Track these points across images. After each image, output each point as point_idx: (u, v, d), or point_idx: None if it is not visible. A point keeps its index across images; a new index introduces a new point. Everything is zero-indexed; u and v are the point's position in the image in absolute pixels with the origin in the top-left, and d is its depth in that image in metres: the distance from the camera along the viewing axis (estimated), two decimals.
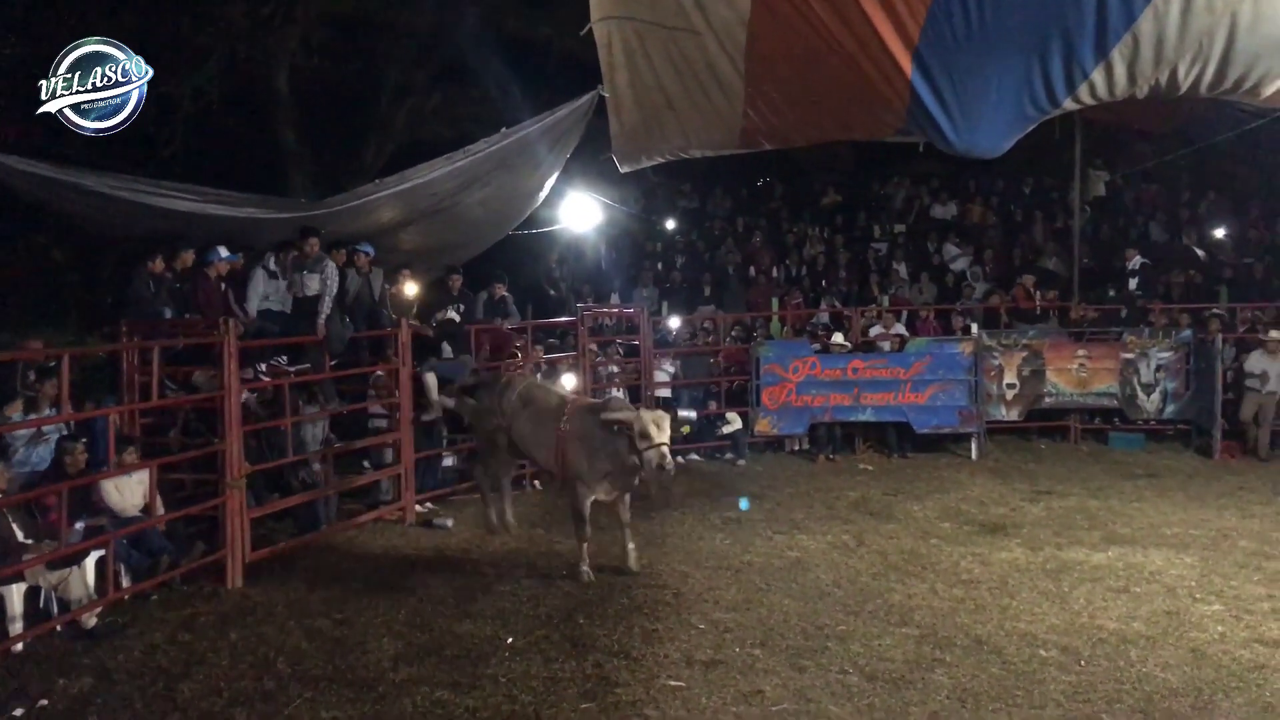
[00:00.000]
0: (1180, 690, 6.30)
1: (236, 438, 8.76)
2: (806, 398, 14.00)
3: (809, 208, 21.59)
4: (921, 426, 13.88)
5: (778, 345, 14.63)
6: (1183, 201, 19.41)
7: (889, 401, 13.89)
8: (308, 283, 10.71)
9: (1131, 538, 9.72)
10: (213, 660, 6.98)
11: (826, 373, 13.97)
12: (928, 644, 7.08)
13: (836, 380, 13.91)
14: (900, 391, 13.85)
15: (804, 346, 14.45)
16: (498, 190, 12.60)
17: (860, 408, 13.96)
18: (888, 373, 13.92)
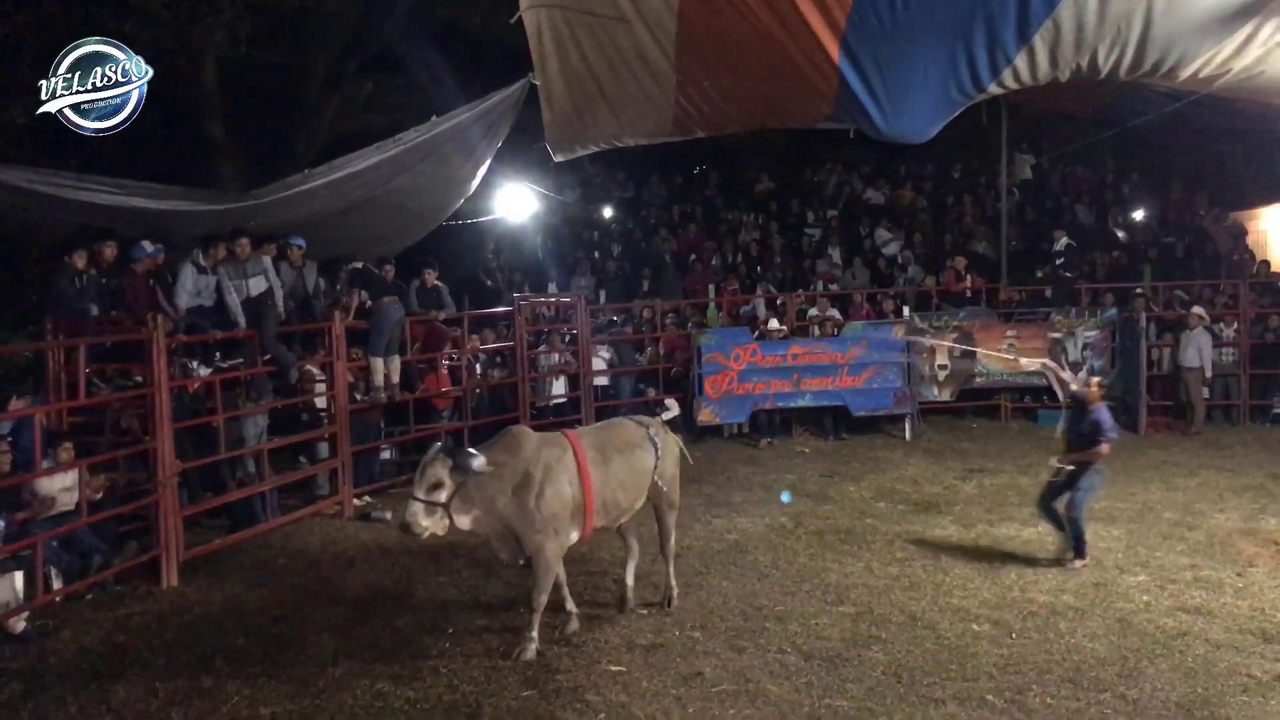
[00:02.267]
0: (1108, 659, 6.49)
1: (167, 435, 8.63)
2: (748, 385, 14.10)
3: (743, 195, 21.71)
4: (858, 409, 14.06)
5: (719, 333, 14.65)
6: (1107, 183, 19.83)
7: (827, 386, 14.05)
8: (251, 284, 10.55)
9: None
10: (148, 660, 6.90)
11: (767, 359, 14.07)
12: (864, 621, 7.21)
13: (777, 366, 14.02)
14: (838, 376, 14.01)
15: (744, 334, 14.51)
16: (430, 179, 12.52)
17: (800, 393, 14.09)
18: (826, 357, 14.08)
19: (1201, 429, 13.81)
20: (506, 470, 6.67)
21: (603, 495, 7.01)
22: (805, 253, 18.88)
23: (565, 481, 6.81)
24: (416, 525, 6.48)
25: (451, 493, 6.50)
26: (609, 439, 7.29)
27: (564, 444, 6.99)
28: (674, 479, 7.59)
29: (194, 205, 10.83)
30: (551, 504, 6.70)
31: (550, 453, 6.86)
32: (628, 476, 7.21)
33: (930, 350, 14.63)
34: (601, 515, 7.08)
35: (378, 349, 11.33)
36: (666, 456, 7.46)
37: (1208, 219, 17.68)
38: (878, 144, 13.38)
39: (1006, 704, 5.90)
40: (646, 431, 7.43)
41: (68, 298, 9.66)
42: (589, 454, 6.99)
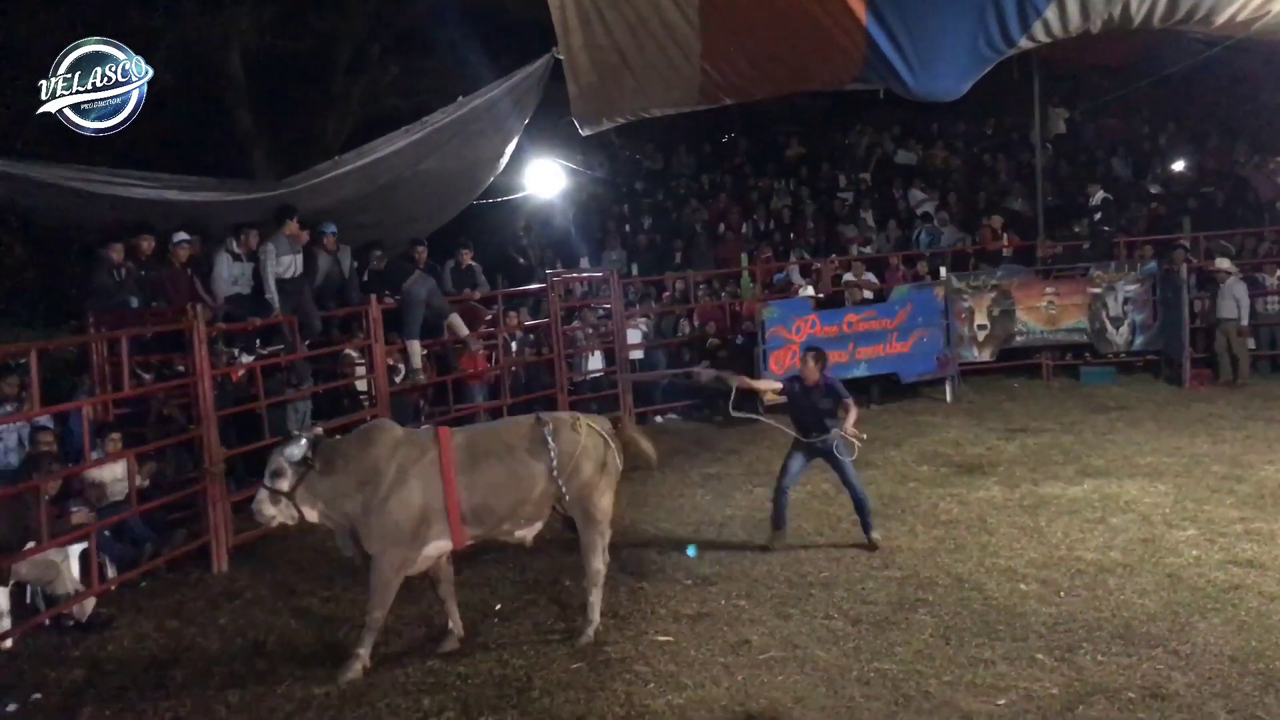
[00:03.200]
0: (1158, 615, 6.44)
1: (212, 423, 8.73)
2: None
3: (773, 161, 21.56)
4: (908, 375, 13.87)
5: (781, 305, 13.99)
6: (1143, 134, 19.51)
7: (879, 354, 13.72)
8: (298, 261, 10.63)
9: (1106, 469, 9.87)
10: (203, 645, 7.01)
11: (825, 329, 13.51)
12: (910, 585, 7.19)
13: (834, 337, 13.37)
14: (888, 342, 13.68)
15: (804, 305, 13.99)
16: (459, 159, 12.54)
17: (855, 363, 13.58)
18: (877, 324, 13.78)
19: (1246, 380, 13.59)
20: (353, 465, 6.22)
21: (470, 502, 6.29)
22: (838, 217, 18.73)
23: (418, 487, 6.19)
24: (260, 513, 6.29)
25: (294, 482, 6.19)
26: (486, 439, 6.56)
27: (427, 444, 6.35)
28: (586, 486, 6.53)
29: (227, 196, 10.93)
30: (394, 512, 6.15)
31: (407, 453, 6.28)
32: (504, 481, 6.38)
33: (968, 310, 14.47)
34: (473, 523, 6.36)
35: (412, 331, 11.38)
36: (571, 459, 6.47)
37: (1247, 166, 17.35)
38: (908, 104, 13.24)
39: (1057, 662, 5.87)
40: (541, 431, 6.51)
41: (108, 291, 9.78)
42: (458, 456, 6.31)
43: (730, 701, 5.62)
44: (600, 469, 6.60)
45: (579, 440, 6.53)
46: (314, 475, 6.19)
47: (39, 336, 12.46)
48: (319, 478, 6.20)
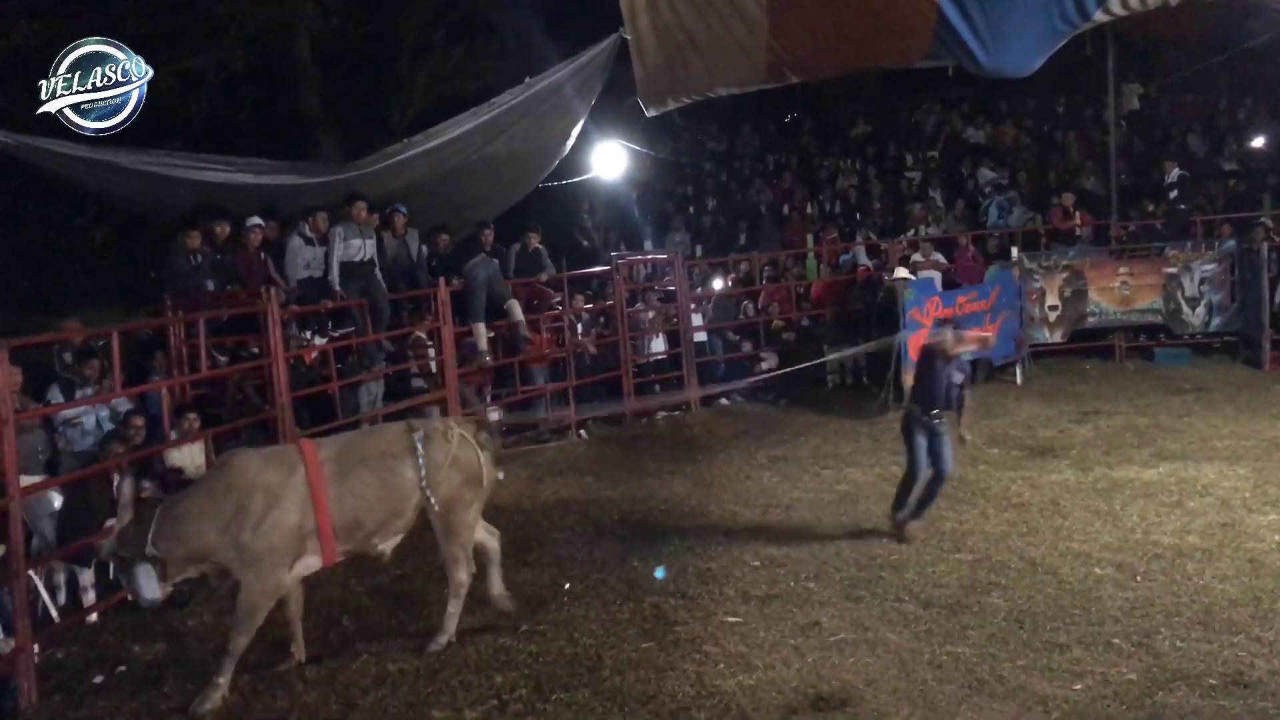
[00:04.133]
0: (1239, 600, 6.31)
1: (286, 404, 8.89)
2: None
3: (839, 140, 21.35)
4: (997, 359, 13.51)
5: (917, 286, 13.02)
6: (1220, 110, 18.98)
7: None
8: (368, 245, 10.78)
9: (1182, 453, 9.67)
10: (280, 622, 7.13)
11: (944, 312, 12.56)
12: (982, 568, 7.12)
13: (947, 319, 12.88)
14: (984, 324, 13.09)
15: (931, 285, 13.28)
16: (525, 141, 12.59)
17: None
18: (979, 305, 13.18)
19: None
20: (212, 508, 5.88)
21: (342, 517, 6.04)
22: (905, 196, 18.49)
23: (292, 506, 5.90)
24: (146, 596, 5.86)
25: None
26: (355, 449, 6.23)
27: (292, 461, 6.04)
28: (452, 499, 6.28)
29: (299, 179, 11.10)
30: (269, 535, 5.85)
31: (272, 476, 5.96)
32: (375, 492, 6.12)
33: (1040, 291, 14.20)
34: (344, 538, 6.09)
35: (477, 314, 11.46)
36: (438, 468, 6.22)
37: None
38: (977, 81, 13.03)
39: (1134, 647, 5.79)
40: (410, 438, 6.25)
41: (184, 275, 9.99)
42: (326, 470, 6.02)
43: (801, 683, 5.61)
44: (469, 481, 6.35)
45: (450, 450, 6.27)
46: (167, 529, 5.77)
47: (117, 320, 12.79)
48: (172, 531, 5.79)
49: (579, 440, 12.23)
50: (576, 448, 11.91)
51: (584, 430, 12.50)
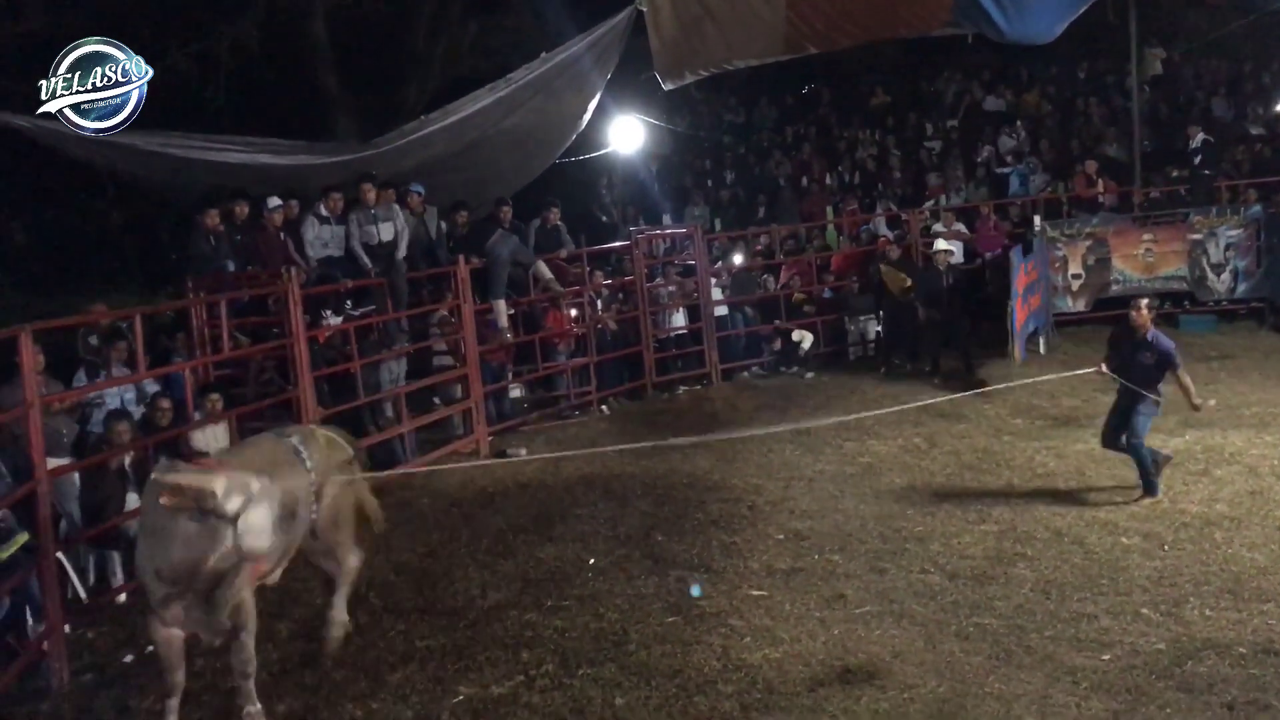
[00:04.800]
0: (1269, 569, 6.28)
1: (308, 383, 8.91)
2: (1025, 309, 12.50)
3: (858, 111, 21.19)
4: (1041, 327, 13.46)
5: (1015, 254, 12.58)
6: (1245, 73, 18.72)
7: (1036, 304, 13.10)
8: (382, 229, 10.79)
9: (1209, 420, 9.54)
10: (306, 599, 7.18)
11: (1026, 278, 12.69)
12: (1008, 539, 7.10)
13: (1025, 289, 12.60)
14: (1032, 293, 13.02)
15: (1019, 251, 12.79)
16: (542, 116, 12.52)
17: (1034, 313, 12.96)
18: (1035, 274, 13.18)
19: None
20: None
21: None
22: (925, 167, 18.34)
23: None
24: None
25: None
26: (248, 463, 5.61)
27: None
28: (337, 511, 6.10)
29: (318, 158, 11.09)
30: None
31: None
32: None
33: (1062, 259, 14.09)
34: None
35: (498, 291, 11.45)
36: (327, 466, 6.00)
37: None
38: (996, 48, 12.87)
39: (1163, 616, 5.76)
40: (290, 444, 5.90)
41: (205, 256, 10.02)
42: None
43: (827, 655, 5.62)
44: (345, 472, 6.26)
45: (323, 448, 6.09)
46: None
47: (138, 302, 12.85)
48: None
49: (601, 416, 12.24)
50: (598, 423, 11.91)
51: (606, 406, 12.50)
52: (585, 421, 11.97)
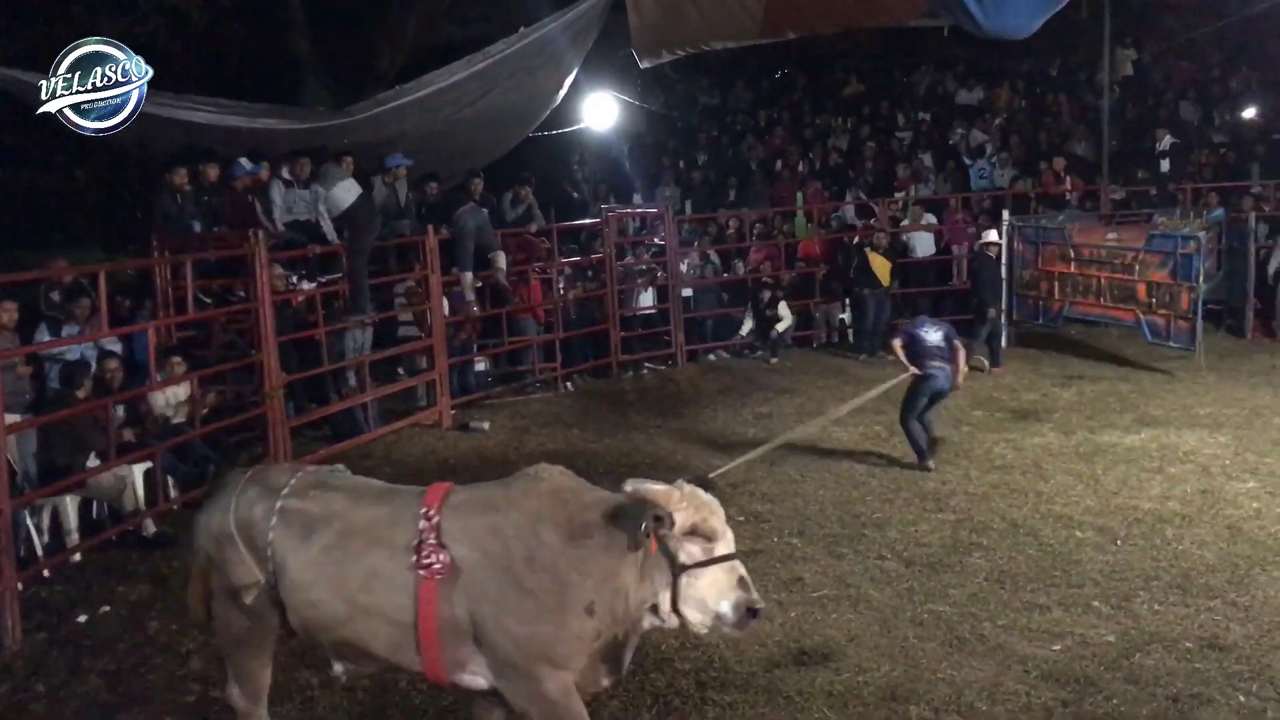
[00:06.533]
0: (1217, 566, 6.40)
1: (272, 348, 8.85)
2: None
3: (832, 98, 21.22)
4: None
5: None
6: (1213, 78, 18.92)
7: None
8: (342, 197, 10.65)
9: (1164, 419, 9.75)
10: None
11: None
12: (964, 528, 7.19)
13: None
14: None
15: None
16: (517, 92, 12.45)
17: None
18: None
19: None
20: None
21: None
22: (896, 157, 18.42)
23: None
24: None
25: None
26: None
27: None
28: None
29: (289, 123, 10.97)
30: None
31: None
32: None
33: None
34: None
35: (464, 263, 11.38)
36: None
37: None
38: (972, 42, 12.92)
39: (1113, 610, 5.86)
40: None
41: (170, 216, 9.89)
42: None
43: (784, 637, 5.68)
44: None
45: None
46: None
47: (102, 260, 12.68)
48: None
49: (565, 392, 12.24)
50: (563, 399, 11.92)
51: (570, 383, 12.51)
52: (550, 398, 11.97)
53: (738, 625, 3.86)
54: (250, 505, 4.06)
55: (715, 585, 3.85)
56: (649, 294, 13.97)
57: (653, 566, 3.86)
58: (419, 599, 3.79)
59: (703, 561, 3.85)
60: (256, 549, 4.00)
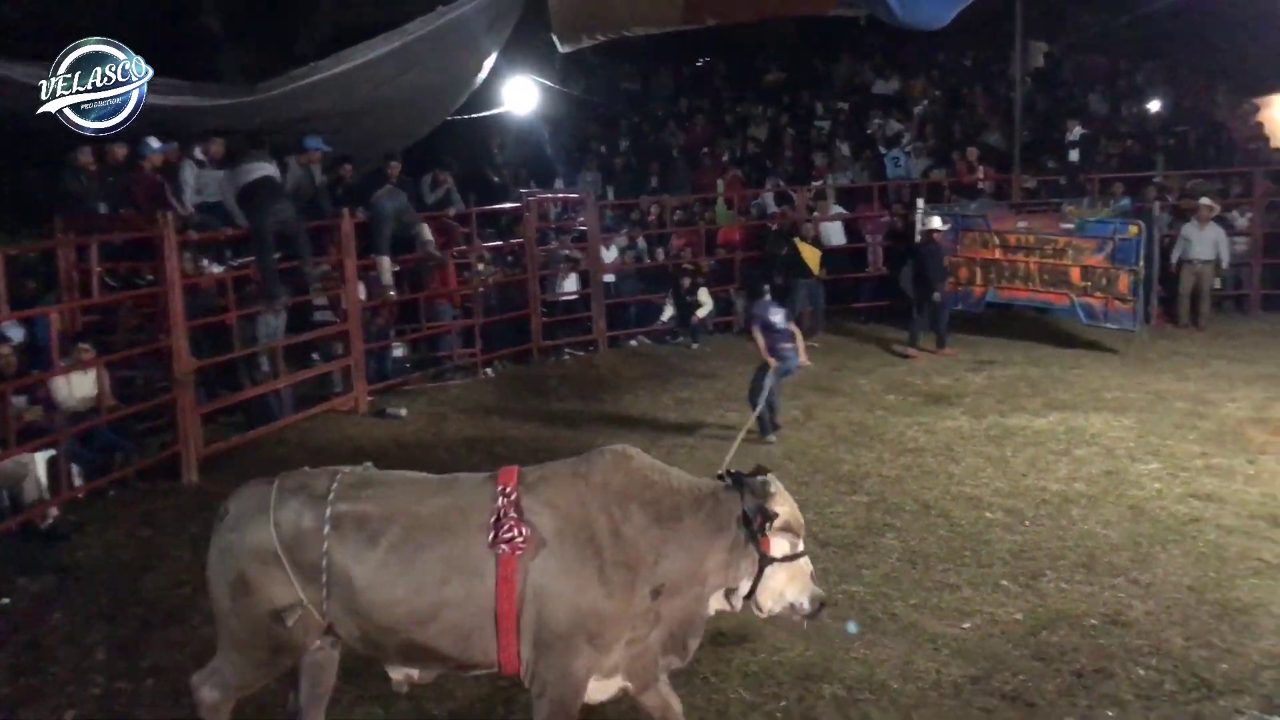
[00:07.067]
0: (1120, 545, 6.60)
1: (181, 333, 8.65)
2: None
3: (752, 86, 21.33)
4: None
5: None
6: (1121, 71, 19.44)
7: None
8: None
9: (1072, 403, 10.02)
10: (174, 554, 7.01)
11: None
12: (878, 510, 7.32)
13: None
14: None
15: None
16: (436, 73, 12.27)
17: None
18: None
19: (1209, 321, 13.66)
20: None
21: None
22: (815, 145, 18.60)
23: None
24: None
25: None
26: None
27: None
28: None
29: (201, 100, 10.66)
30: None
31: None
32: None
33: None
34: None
35: (382, 247, 11.24)
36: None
37: (1224, 108, 17.38)
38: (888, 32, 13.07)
39: (1021, 588, 6.02)
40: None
41: (76, 196, 9.60)
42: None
43: None
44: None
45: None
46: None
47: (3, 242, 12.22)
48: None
49: (485, 379, 12.16)
50: (482, 385, 11.84)
51: (490, 369, 12.43)
52: (469, 384, 11.88)
53: (811, 615, 4.08)
54: (296, 517, 3.82)
55: (795, 579, 4.02)
56: (571, 279, 13.94)
57: (741, 556, 3.94)
58: (499, 577, 3.71)
59: (790, 556, 3.99)
60: (306, 564, 3.76)
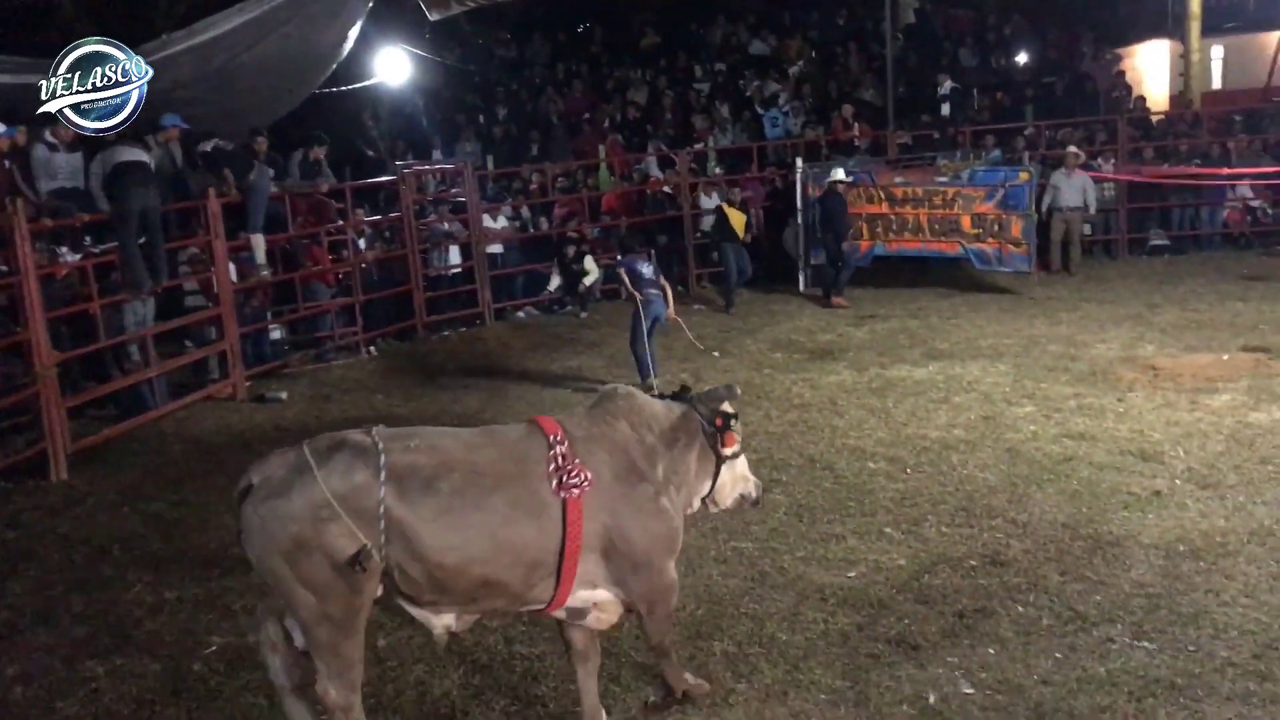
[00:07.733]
0: (998, 487, 6.77)
1: (40, 324, 8.26)
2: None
3: (629, 51, 21.23)
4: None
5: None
6: (989, 25, 19.87)
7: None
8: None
9: (950, 352, 10.26)
10: (42, 555, 6.71)
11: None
12: (765, 466, 7.35)
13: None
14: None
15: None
16: (298, 44, 11.90)
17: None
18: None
19: (1079, 266, 14.11)
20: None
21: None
22: (694, 108, 18.62)
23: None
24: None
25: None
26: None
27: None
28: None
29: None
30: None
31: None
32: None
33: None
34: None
35: (257, 225, 10.91)
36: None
37: (1088, 58, 17.92)
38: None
39: (904, 535, 6.13)
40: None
41: None
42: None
43: None
44: None
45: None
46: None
47: None
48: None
49: (368, 358, 11.92)
50: (365, 365, 11.61)
51: (373, 348, 12.19)
52: (351, 364, 11.63)
53: (755, 504, 4.91)
54: (346, 473, 3.73)
55: (742, 473, 4.67)
56: (453, 252, 13.72)
57: (704, 461, 4.46)
58: (567, 520, 3.93)
59: (735, 454, 4.54)
60: (364, 513, 3.70)
